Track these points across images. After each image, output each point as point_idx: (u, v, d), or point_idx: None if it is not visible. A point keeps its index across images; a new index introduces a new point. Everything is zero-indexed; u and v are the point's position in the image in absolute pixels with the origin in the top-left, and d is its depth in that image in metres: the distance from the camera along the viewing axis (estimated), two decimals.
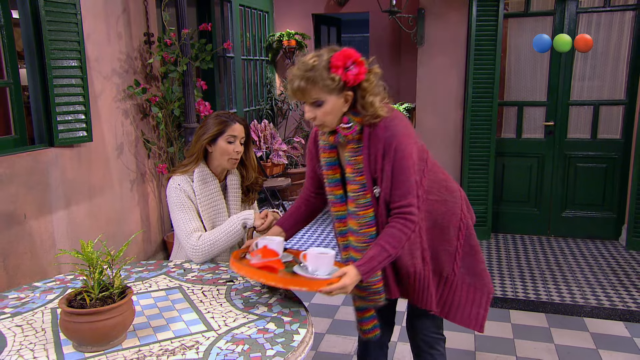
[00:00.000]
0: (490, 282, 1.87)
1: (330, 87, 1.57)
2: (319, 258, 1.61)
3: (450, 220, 1.79)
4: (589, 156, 4.53)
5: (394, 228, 1.62)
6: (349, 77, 1.57)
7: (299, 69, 1.60)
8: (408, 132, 1.64)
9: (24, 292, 1.76)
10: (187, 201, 2.10)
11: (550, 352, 2.78)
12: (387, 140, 1.61)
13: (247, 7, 5.63)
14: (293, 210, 1.95)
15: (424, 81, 4.65)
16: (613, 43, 4.35)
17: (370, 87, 1.62)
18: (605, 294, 3.47)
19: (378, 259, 1.59)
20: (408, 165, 1.60)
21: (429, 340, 1.92)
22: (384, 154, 1.61)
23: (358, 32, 10.02)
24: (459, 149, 4.63)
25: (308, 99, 1.60)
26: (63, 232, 3.00)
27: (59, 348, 1.38)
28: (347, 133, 1.64)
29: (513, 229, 4.78)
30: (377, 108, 1.61)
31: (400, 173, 1.61)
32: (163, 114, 3.76)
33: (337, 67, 1.56)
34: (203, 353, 1.35)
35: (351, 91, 1.61)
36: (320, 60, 1.58)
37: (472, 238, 1.85)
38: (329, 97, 1.59)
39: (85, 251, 1.37)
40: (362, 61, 1.59)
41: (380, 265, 1.60)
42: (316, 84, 1.57)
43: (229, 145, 2.11)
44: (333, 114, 1.62)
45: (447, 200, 1.78)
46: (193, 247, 2.02)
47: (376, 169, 1.64)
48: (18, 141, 2.82)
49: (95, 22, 3.25)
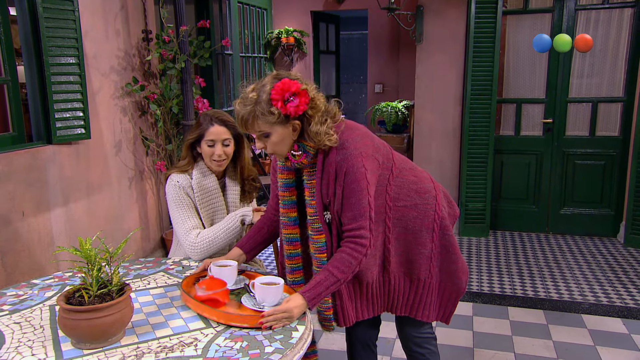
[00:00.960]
0: (465, 281, 1.85)
1: (272, 121, 1.55)
2: (265, 290, 1.55)
3: (422, 224, 1.77)
4: (588, 153, 4.53)
5: (343, 252, 1.60)
6: (289, 110, 1.53)
7: (241, 102, 1.59)
8: (361, 153, 1.60)
9: (22, 290, 1.76)
10: (185, 198, 2.10)
11: (548, 349, 2.79)
12: (339, 164, 1.59)
13: (245, 4, 5.61)
14: (254, 232, 1.89)
15: (422, 78, 4.65)
16: (611, 40, 4.35)
17: (315, 115, 1.58)
18: (603, 290, 3.48)
19: (325, 284, 1.57)
20: (360, 187, 1.59)
21: (418, 341, 1.92)
22: (335, 177, 1.60)
23: (357, 30, 10.01)
24: (458, 146, 4.64)
25: (253, 132, 1.60)
26: (61, 229, 3.00)
27: (57, 345, 1.38)
28: (299, 160, 1.63)
29: (511, 226, 4.79)
30: (322, 138, 1.58)
31: (351, 196, 1.59)
32: (161, 112, 3.75)
33: (276, 101, 1.53)
34: (202, 350, 1.35)
35: (298, 120, 1.58)
36: (261, 93, 1.56)
37: (447, 237, 1.81)
38: (274, 129, 1.57)
39: (83, 248, 1.37)
40: (302, 91, 1.55)
41: (327, 291, 1.57)
42: (257, 118, 1.56)
43: (209, 148, 2.10)
44: (282, 143, 1.60)
45: (417, 204, 1.76)
46: (192, 244, 2.02)
47: (328, 193, 1.62)
48: (16, 138, 2.81)
49: (93, 19, 3.24)
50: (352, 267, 1.59)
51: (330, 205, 1.64)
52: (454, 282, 1.83)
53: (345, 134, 1.63)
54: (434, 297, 1.84)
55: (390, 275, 1.80)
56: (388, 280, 1.81)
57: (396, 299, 1.84)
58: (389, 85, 6.73)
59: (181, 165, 2.16)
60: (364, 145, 1.63)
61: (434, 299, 1.84)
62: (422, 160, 4.72)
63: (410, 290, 1.83)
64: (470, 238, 4.60)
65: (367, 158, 1.62)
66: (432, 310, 1.85)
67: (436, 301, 1.85)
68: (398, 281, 1.82)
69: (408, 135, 5.79)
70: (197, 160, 2.17)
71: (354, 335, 2.05)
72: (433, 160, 4.71)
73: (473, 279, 3.70)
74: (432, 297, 1.84)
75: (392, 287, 1.82)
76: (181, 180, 2.11)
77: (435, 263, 1.81)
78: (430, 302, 1.84)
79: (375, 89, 6.79)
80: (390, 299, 1.84)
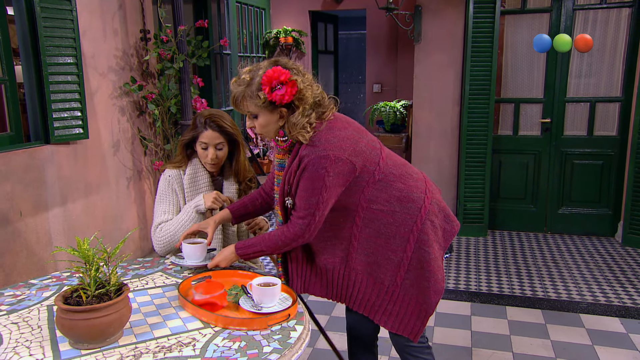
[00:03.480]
0: (435, 302, 1.78)
1: (259, 104, 1.63)
2: (263, 290, 1.56)
3: (396, 231, 1.75)
4: (585, 153, 4.54)
5: (278, 231, 1.74)
6: (274, 98, 1.60)
7: (235, 82, 1.67)
8: (328, 155, 1.61)
9: (20, 290, 1.76)
10: (169, 194, 2.15)
11: (547, 348, 2.79)
12: (302, 159, 1.65)
13: (243, 4, 5.61)
14: (248, 201, 2.00)
15: (420, 78, 4.65)
16: (609, 40, 4.36)
17: (300, 106, 1.63)
18: (601, 290, 3.49)
19: (253, 248, 1.77)
20: (313, 186, 1.63)
21: (409, 350, 1.89)
22: (297, 169, 1.66)
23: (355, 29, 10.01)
24: (456, 146, 4.64)
25: (242, 111, 1.68)
26: (59, 229, 3.00)
27: (55, 345, 1.38)
28: (282, 146, 1.73)
29: (510, 226, 4.80)
30: (297, 131, 1.63)
31: (303, 190, 1.65)
32: (159, 111, 3.75)
33: (264, 86, 1.60)
34: (200, 350, 1.35)
35: (285, 108, 1.64)
36: (254, 76, 1.63)
37: (422, 252, 1.75)
38: (260, 112, 1.65)
39: (81, 248, 1.36)
40: (291, 82, 1.59)
41: (254, 255, 1.78)
42: (246, 99, 1.65)
43: (203, 151, 2.13)
44: (268, 127, 1.68)
45: (395, 211, 1.74)
46: (155, 239, 2.09)
47: (290, 181, 1.69)
48: (14, 138, 2.81)
49: (91, 18, 3.23)
50: (279, 246, 1.74)
51: (292, 192, 1.72)
52: (424, 300, 1.76)
53: (322, 134, 1.65)
54: (396, 307, 1.78)
55: (352, 270, 1.80)
56: (349, 274, 1.80)
57: (355, 295, 1.82)
58: (388, 85, 6.73)
59: (175, 162, 2.21)
60: (337, 147, 1.63)
61: (397, 309, 1.79)
62: (421, 160, 4.72)
63: (372, 292, 1.79)
64: (469, 238, 4.60)
65: (335, 161, 1.62)
66: (393, 319, 1.80)
67: (399, 312, 1.79)
68: (360, 279, 1.80)
69: (406, 135, 5.79)
70: (191, 158, 2.19)
71: (354, 333, 2.04)
72: (431, 160, 4.71)
73: (471, 279, 3.71)
74: (395, 306, 1.78)
75: (353, 282, 1.81)
76: (172, 175, 2.16)
77: (403, 273, 1.75)
78: (391, 311, 1.79)
79: (374, 88, 6.79)
80: (350, 293, 1.83)
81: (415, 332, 1.80)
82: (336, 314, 3.18)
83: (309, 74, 1.69)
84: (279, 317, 1.50)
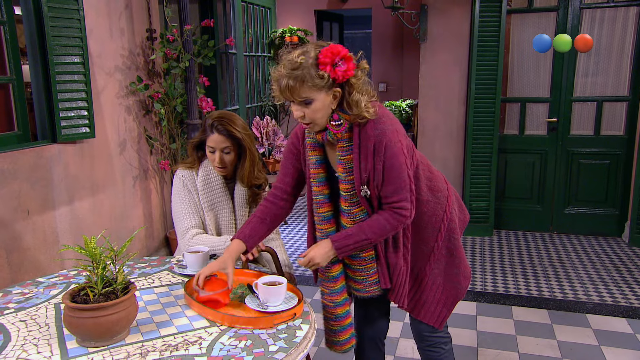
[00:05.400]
0: (465, 287, 1.82)
1: (319, 85, 1.54)
2: (269, 289, 1.56)
3: (428, 221, 1.76)
4: (592, 153, 4.52)
5: (380, 216, 1.63)
6: (338, 74, 1.53)
7: (286, 67, 1.55)
8: (397, 129, 1.62)
9: (28, 288, 1.77)
10: (186, 195, 2.14)
11: (553, 349, 2.78)
12: (377, 138, 1.59)
13: (249, 3, 5.61)
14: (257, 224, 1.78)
15: (426, 77, 4.64)
16: (617, 39, 4.33)
17: (357, 83, 1.59)
18: (608, 290, 3.47)
19: (354, 238, 1.62)
20: (400, 162, 1.60)
21: (431, 343, 1.89)
22: (374, 151, 1.59)
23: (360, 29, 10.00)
24: (462, 145, 4.63)
25: (296, 97, 1.56)
26: (66, 227, 3.01)
27: (62, 343, 1.39)
28: (337, 131, 1.61)
29: (515, 226, 4.78)
30: (362, 108, 1.58)
31: (392, 170, 1.60)
32: (165, 111, 3.76)
33: (325, 64, 1.52)
34: (206, 349, 1.36)
35: (339, 87, 1.58)
36: (307, 58, 1.54)
37: (452, 240, 1.79)
38: (317, 95, 1.55)
39: (88, 247, 1.37)
40: (350, 57, 1.56)
41: (355, 246, 1.62)
42: (305, 82, 1.53)
43: (210, 154, 2.12)
44: (322, 111, 1.58)
45: (428, 200, 1.75)
46: (186, 245, 2.07)
47: (367, 167, 1.61)
48: (21, 137, 2.83)
49: (97, 18, 3.24)
50: (386, 231, 1.62)
51: (370, 180, 1.62)
52: (454, 286, 1.80)
53: (381, 110, 1.64)
54: (424, 295, 1.80)
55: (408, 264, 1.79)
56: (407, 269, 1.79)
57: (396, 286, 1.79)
58: (393, 84, 6.72)
59: (187, 162, 2.22)
60: (398, 123, 1.65)
61: (425, 297, 1.81)
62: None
63: (412, 286, 1.82)
64: (474, 237, 4.59)
65: (403, 135, 1.64)
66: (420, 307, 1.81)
67: (427, 300, 1.81)
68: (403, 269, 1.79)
69: (412, 134, 5.78)
70: (202, 160, 2.20)
71: (363, 332, 2.04)
72: (437, 159, 4.70)
73: (477, 279, 3.70)
74: (424, 295, 1.80)
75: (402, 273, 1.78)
76: (185, 175, 2.17)
77: (433, 263, 1.78)
78: (418, 299, 1.81)
79: (379, 88, 6.78)
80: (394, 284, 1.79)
81: (441, 319, 1.83)
82: None
83: None
84: (284, 316, 1.51)
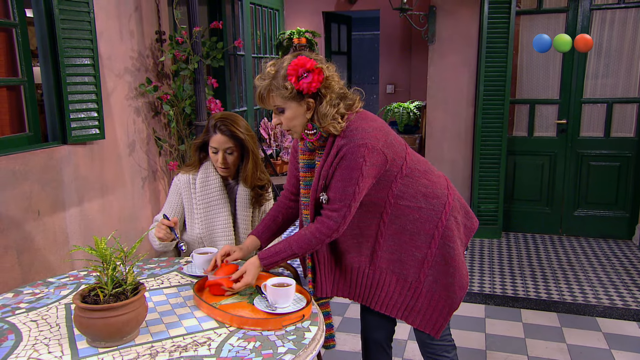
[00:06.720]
0: (461, 297, 1.78)
1: (285, 96, 1.60)
2: (277, 291, 1.56)
3: (422, 227, 1.75)
4: (602, 154, 4.48)
5: (307, 230, 1.68)
6: (302, 86, 1.57)
7: (260, 77, 1.65)
8: (365, 143, 1.59)
9: (39, 288, 1.78)
10: (175, 199, 2.22)
11: (563, 352, 2.76)
12: (340, 148, 1.62)
13: (257, 5, 5.63)
14: (270, 221, 1.92)
15: (434, 79, 4.63)
16: (627, 40, 4.30)
17: (328, 95, 1.61)
18: (618, 293, 3.44)
19: (282, 255, 1.69)
20: (350, 176, 1.60)
21: (434, 350, 1.88)
22: (333, 160, 1.63)
23: (369, 30, 9.99)
24: (470, 147, 4.61)
25: (267, 105, 1.65)
26: (76, 228, 3.03)
27: (73, 343, 1.40)
28: (311, 140, 1.68)
29: (524, 228, 4.75)
30: (328, 121, 1.61)
31: (339, 180, 1.62)
32: (174, 112, 3.78)
33: (291, 76, 1.58)
34: (215, 350, 1.36)
35: (312, 99, 1.62)
36: (279, 68, 1.61)
37: (447, 248, 1.76)
38: (289, 104, 1.62)
39: (99, 248, 1.38)
40: (317, 69, 1.58)
41: (282, 260, 1.70)
42: (271, 92, 1.62)
43: (213, 154, 2.14)
44: (296, 120, 1.65)
45: (421, 207, 1.74)
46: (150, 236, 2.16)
47: (328, 174, 1.66)
48: (32, 138, 2.85)
49: (107, 20, 3.27)
50: (312, 245, 1.67)
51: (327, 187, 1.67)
52: (448, 295, 1.77)
53: (356, 123, 1.65)
54: (418, 303, 1.79)
55: (377, 269, 1.80)
56: (373, 273, 1.80)
57: (378, 295, 1.82)
58: (401, 85, 6.71)
59: (189, 165, 2.25)
60: (372, 137, 1.62)
61: (419, 305, 1.79)
62: (434, 161, 4.70)
63: (395, 290, 1.80)
64: (483, 239, 4.57)
65: (372, 150, 1.61)
66: (415, 315, 1.80)
67: (422, 308, 1.79)
68: (384, 277, 1.80)
69: (420, 136, 5.76)
70: (205, 160, 2.22)
71: (369, 335, 2.04)
72: (445, 161, 4.68)
73: (485, 281, 3.68)
74: (418, 303, 1.79)
75: (377, 281, 1.81)
76: (181, 180, 2.21)
77: (427, 270, 1.76)
78: (413, 307, 1.79)
79: (387, 89, 6.77)
80: (374, 293, 1.82)
81: (437, 328, 1.81)
82: (349, 315, 3.18)
83: (332, 65, 1.67)
84: (293, 317, 1.51)
